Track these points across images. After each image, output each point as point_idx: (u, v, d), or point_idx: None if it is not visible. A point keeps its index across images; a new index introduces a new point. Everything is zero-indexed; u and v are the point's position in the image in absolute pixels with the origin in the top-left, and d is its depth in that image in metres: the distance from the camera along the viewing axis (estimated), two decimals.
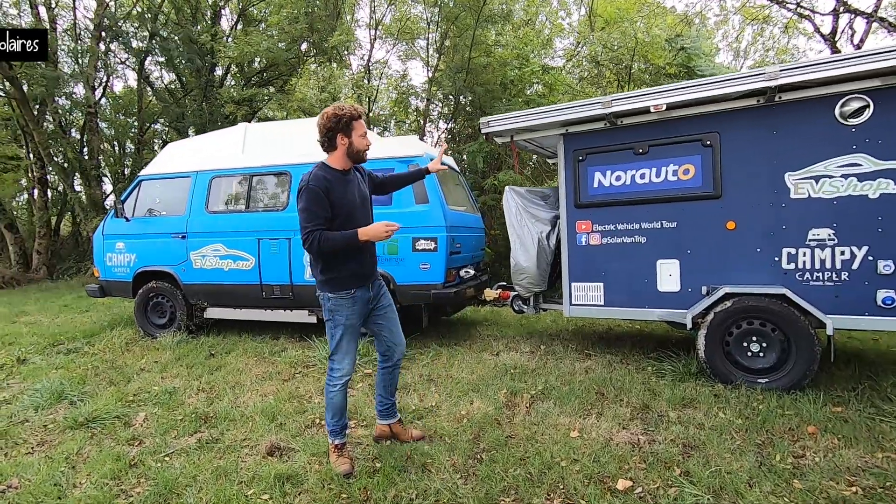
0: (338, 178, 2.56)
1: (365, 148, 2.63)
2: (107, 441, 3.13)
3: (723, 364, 3.66)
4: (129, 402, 3.77)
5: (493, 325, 6.10)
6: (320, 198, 2.47)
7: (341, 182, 2.57)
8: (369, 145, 2.65)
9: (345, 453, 2.72)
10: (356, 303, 2.63)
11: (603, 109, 3.96)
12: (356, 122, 2.57)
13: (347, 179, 2.61)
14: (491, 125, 4.52)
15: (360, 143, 2.60)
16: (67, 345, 5.52)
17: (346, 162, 2.61)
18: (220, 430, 3.21)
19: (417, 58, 14.98)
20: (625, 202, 4.17)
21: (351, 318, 2.62)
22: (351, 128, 2.56)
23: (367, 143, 2.63)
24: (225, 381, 4.17)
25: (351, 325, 2.63)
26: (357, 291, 2.63)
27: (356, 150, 2.60)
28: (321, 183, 2.48)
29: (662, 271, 4.05)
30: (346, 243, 2.48)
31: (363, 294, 2.67)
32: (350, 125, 2.56)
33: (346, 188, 2.58)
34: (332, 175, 2.55)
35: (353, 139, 2.57)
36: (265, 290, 5.43)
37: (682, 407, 3.34)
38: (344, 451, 2.73)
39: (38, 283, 12.16)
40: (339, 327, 2.62)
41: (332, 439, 2.71)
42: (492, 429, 3.07)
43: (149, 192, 6.10)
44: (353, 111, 2.56)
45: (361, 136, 2.60)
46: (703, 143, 3.85)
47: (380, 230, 2.47)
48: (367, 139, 2.63)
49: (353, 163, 2.64)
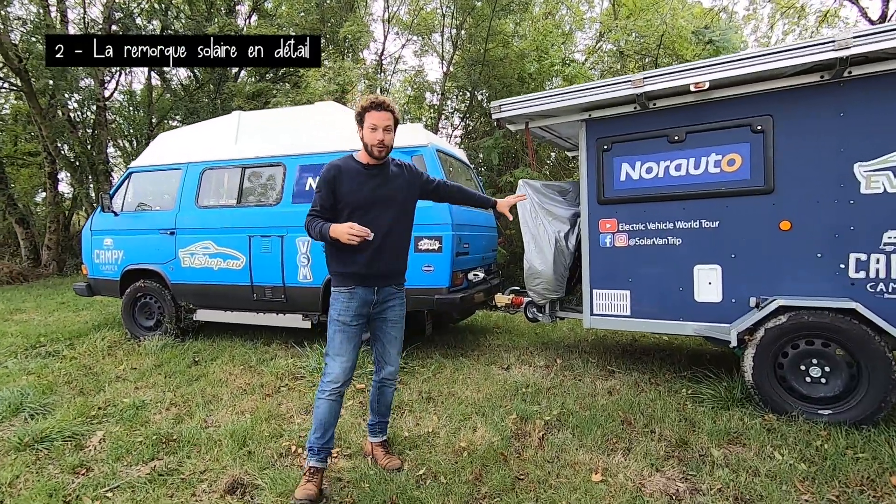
0: (356, 171, 2.43)
1: (372, 142, 2.39)
2: (51, 467, 2.71)
3: (775, 391, 3.08)
4: (91, 417, 3.35)
5: (505, 334, 5.58)
6: (322, 185, 2.41)
7: (359, 175, 2.43)
8: (380, 141, 2.39)
9: (314, 481, 2.35)
10: (353, 300, 2.44)
11: (633, 89, 3.41)
12: (368, 113, 2.39)
13: (370, 174, 2.45)
14: (503, 109, 4.00)
15: (367, 137, 2.40)
16: (48, 347, 5.17)
17: (368, 156, 2.45)
18: (181, 456, 2.76)
19: (433, 53, 14.53)
20: (657, 198, 3.60)
21: (344, 314, 2.43)
22: (363, 119, 2.41)
23: (377, 138, 2.38)
24: (202, 394, 3.73)
25: (344, 324, 2.42)
26: (358, 289, 2.44)
27: (365, 144, 2.43)
28: (330, 171, 2.41)
29: (701, 278, 3.48)
30: (319, 234, 2.35)
31: (364, 294, 2.46)
32: (362, 117, 2.41)
33: (363, 182, 2.42)
34: (348, 166, 2.44)
35: (364, 132, 2.42)
36: (256, 292, 5.00)
37: (728, 443, 2.77)
38: (315, 478, 2.36)
39: (46, 279, 12.02)
40: (333, 323, 2.44)
41: (308, 458, 2.41)
42: (497, 467, 2.56)
43: (139, 186, 5.73)
44: (368, 102, 2.39)
45: (371, 129, 2.39)
46: (753, 129, 3.27)
47: (342, 231, 2.27)
48: (379, 134, 2.38)
49: (372, 157, 2.44)
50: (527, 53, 11.22)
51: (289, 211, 4.82)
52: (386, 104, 2.40)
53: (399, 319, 2.62)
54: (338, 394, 2.42)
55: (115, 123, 15.87)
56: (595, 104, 3.71)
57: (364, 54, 14.38)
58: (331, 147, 4.77)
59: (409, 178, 2.59)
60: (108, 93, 13.90)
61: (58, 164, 12.42)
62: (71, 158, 12.53)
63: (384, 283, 2.53)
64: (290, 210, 4.81)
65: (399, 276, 2.63)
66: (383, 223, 2.44)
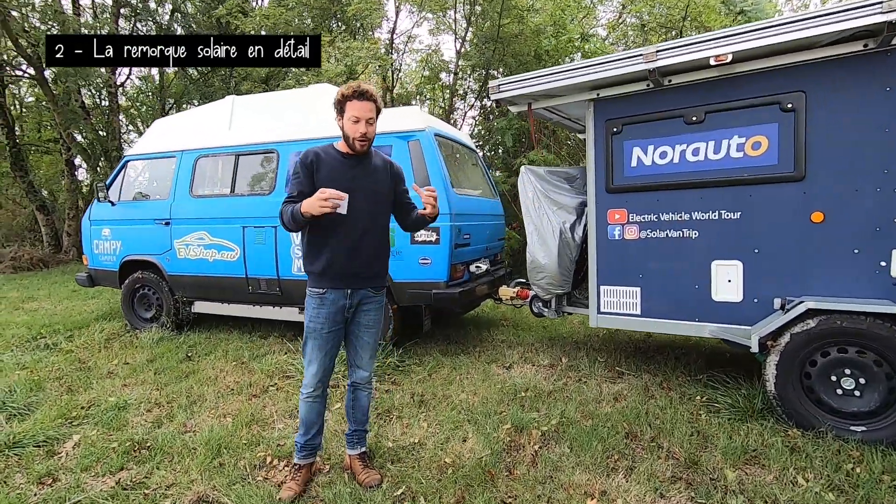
0: (335, 159, 2.26)
1: (354, 135, 2.22)
2: (17, 476, 2.59)
3: (801, 403, 2.75)
4: (72, 418, 3.24)
5: (511, 328, 5.31)
6: (299, 170, 2.25)
7: (338, 164, 2.26)
8: (362, 134, 2.21)
9: (297, 479, 2.36)
10: (324, 305, 2.28)
11: (645, 64, 3.04)
12: (349, 102, 2.20)
13: (350, 164, 2.28)
14: (503, 90, 3.67)
15: (349, 129, 2.22)
16: (48, 339, 5.13)
17: (348, 147, 2.27)
18: (150, 467, 2.61)
19: (448, 31, 14.02)
20: (671, 186, 3.26)
21: (315, 320, 2.28)
22: (342, 109, 2.23)
23: (359, 131, 2.20)
24: (188, 394, 3.60)
25: (314, 330, 2.29)
26: (329, 293, 2.27)
27: (345, 136, 2.25)
28: (308, 156, 2.25)
29: (719, 275, 3.14)
30: (293, 216, 2.18)
31: (336, 298, 2.28)
32: (342, 106, 2.22)
33: (343, 171, 2.25)
34: (328, 154, 2.27)
35: (344, 122, 2.23)
36: (251, 284, 4.84)
37: (745, 463, 2.48)
38: (299, 475, 2.38)
39: (65, 265, 12.22)
40: (305, 329, 2.33)
41: (294, 455, 2.44)
42: (482, 488, 2.33)
43: (135, 174, 5.61)
44: (349, 90, 2.19)
45: (352, 120, 2.20)
46: (783, 107, 2.88)
47: (312, 202, 2.08)
48: (361, 126, 2.20)
49: (351, 150, 2.26)
50: (543, 29, 10.69)
51: (282, 200, 4.60)
52: (369, 93, 2.20)
53: (374, 324, 2.43)
54: (313, 397, 2.33)
55: (134, 108, 15.91)
56: (603, 82, 3.35)
57: (377, 34, 13.99)
58: (326, 132, 4.50)
59: (391, 175, 2.43)
60: (121, 79, 13.89)
61: (73, 151, 12.50)
62: (85, 145, 12.59)
63: (360, 284, 2.33)
64: (283, 199, 4.59)
65: (377, 279, 2.41)
66: (362, 218, 2.26)
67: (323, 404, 2.39)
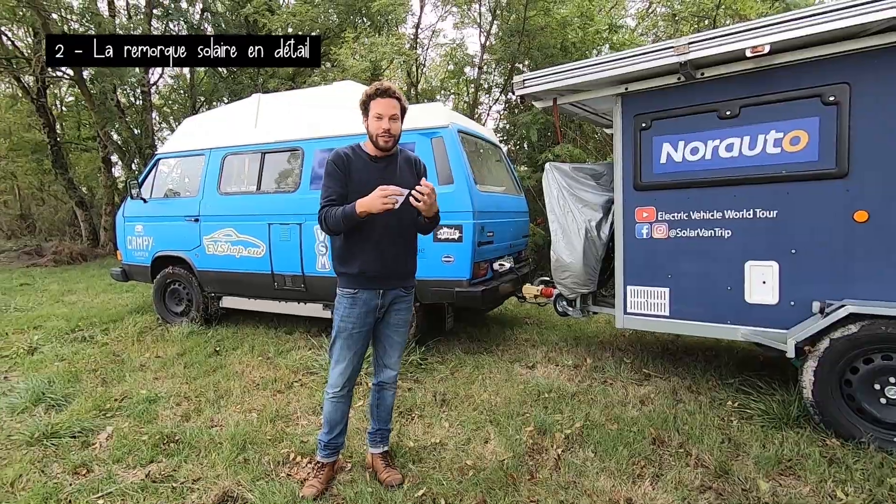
0: (363, 162, 2.26)
1: (377, 132, 2.21)
2: (54, 466, 2.69)
3: (841, 412, 2.62)
4: (105, 410, 3.35)
5: (535, 326, 5.25)
6: (335, 173, 2.24)
7: (367, 167, 2.26)
8: (385, 130, 2.20)
9: (319, 477, 2.37)
10: (356, 305, 2.28)
11: (677, 57, 2.93)
12: (373, 101, 2.20)
13: (378, 166, 2.28)
14: (528, 84, 3.60)
15: (372, 127, 2.22)
16: (85, 331, 5.33)
17: (374, 147, 2.26)
18: (178, 460, 2.67)
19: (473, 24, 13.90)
20: (703, 183, 3.14)
21: (346, 320, 2.28)
22: (368, 108, 2.22)
23: (382, 127, 2.19)
24: (215, 388, 3.68)
25: (345, 329, 2.28)
26: (361, 293, 2.27)
27: (370, 135, 2.24)
28: (340, 158, 2.25)
29: (753, 276, 3.01)
30: (345, 218, 2.14)
31: (369, 298, 2.29)
32: (366, 106, 2.22)
33: (371, 175, 2.23)
34: (356, 156, 2.27)
35: (368, 121, 2.23)
36: (277, 281, 4.91)
37: (779, 474, 2.38)
38: (322, 472, 2.39)
39: (102, 259, 12.69)
40: (335, 328, 2.32)
41: (317, 452, 2.45)
42: (504, 492, 2.30)
43: (166, 172, 5.75)
44: (372, 89, 2.20)
45: (376, 118, 2.20)
46: (824, 100, 2.73)
47: (375, 199, 2.06)
48: (385, 123, 2.19)
49: (378, 148, 2.25)
50: (570, 20, 10.47)
51: (307, 197, 4.65)
52: (391, 91, 2.20)
53: (403, 324, 2.44)
54: (339, 397, 2.34)
55: (166, 106, 16.35)
56: (632, 76, 3.25)
57: (402, 29, 13.98)
58: (350, 130, 4.51)
59: (416, 174, 2.40)
60: (154, 77, 14.29)
61: (109, 149, 12.93)
62: (120, 143, 13.01)
63: (392, 284, 2.34)
64: (307, 196, 4.64)
65: (408, 278, 2.43)
66: (392, 218, 2.24)
67: (348, 404, 2.40)
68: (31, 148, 15.19)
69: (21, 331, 5.36)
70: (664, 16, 12.86)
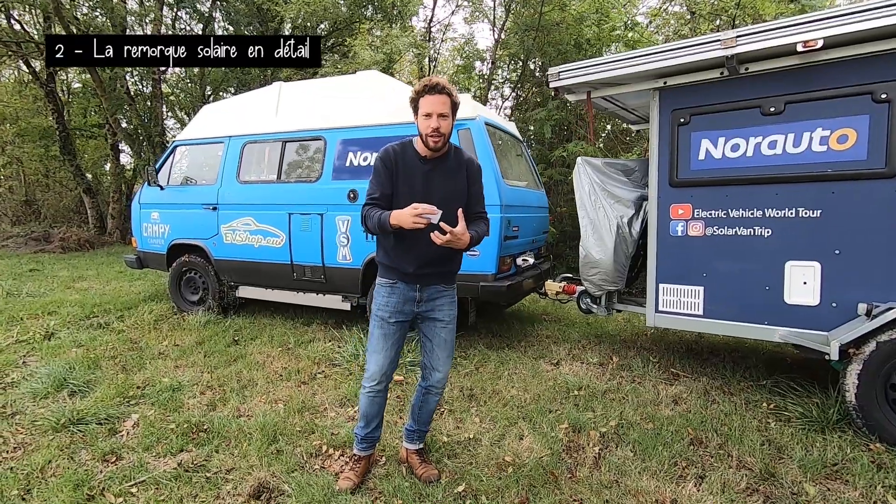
0: (413, 162, 2.17)
1: (425, 131, 2.10)
2: (83, 453, 2.65)
3: (886, 417, 2.58)
4: (129, 398, 3.31)
5: (555, 323, 5.20)
6: (381, 171, 2.17)
7: (416, 167, 2.17)
8: (434, 129, 2.08)
9: (356, 469, 2.34)
10: (394, 294, 2.24)
11: (723, 50, 2.86)
12: (422, 99, 2.10)
13: (428, 168, 2.18)
14: (562, 77, 3.53)
15: (421, 125, 2.13)
16: (100, 318, 5.29)
17: (424, 146, 2.16)
18: (209, 450, 2.63)
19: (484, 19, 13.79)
20: (743, 180, 3.08)
21: (383, 308, 2.24)
22: (417, 106, 2.14)
23: (431, 126, 2.08)
24: (237, 378, 3.64)
25: (383, 319, 2.24)
26: (399, 284, 2.23)
27: (419, 133, 2.15)
28: (389, 155, 2.16)
29: (793, 277, 2.96)
30: (380, 225, 2.08)
31: (406, 290, 2.24)
32: (416, 103, 2.13)
33: (420, 176, 2.16)
34: (406, 154, 2.18)
35: (418, 119, 2.14)
36: (296, 271, 4.86)
37: (825, 478, 2.33)
38: (358, 465, 2.36)
39: (109, 247, 12.64)
40: (373, 317, 2.27)
41: (354, 445, 2.42)
42: (546, 489, 2.26)
43: (183, 159, 5.69)
44: (421, 86, 2.10)
45: (425, 116, 2.10)
46: (875, 97, 2.67)
47: (407, 216, 2.00)
48: (433, 121, 2.07)
49: (426, 147, 2.14)
50: (586, 16, 10.37)
51: (329, 188, 4.59)
52: (441, 86, 2.07)
53: (450, 320, 2.33)
54: (376, 392, 2.27)
55: (174, 95, 16.25)
56: (672, 70, 3.18)
57: (413, 22, 13.88)
58: (374, 120, 4.46)
59: (468, 176, 2.27)
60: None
61: (118, 137, 12.86)
62: (129, 131, 12.93)
63: (430, 281, 2.26)
64: (330, 187, 4.59)
65: (448, 276, 2.33)
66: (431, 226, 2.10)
67: (385, 398, 2.34)
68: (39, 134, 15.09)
69: (35, 316, 5.32)
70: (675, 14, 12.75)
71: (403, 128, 4.32)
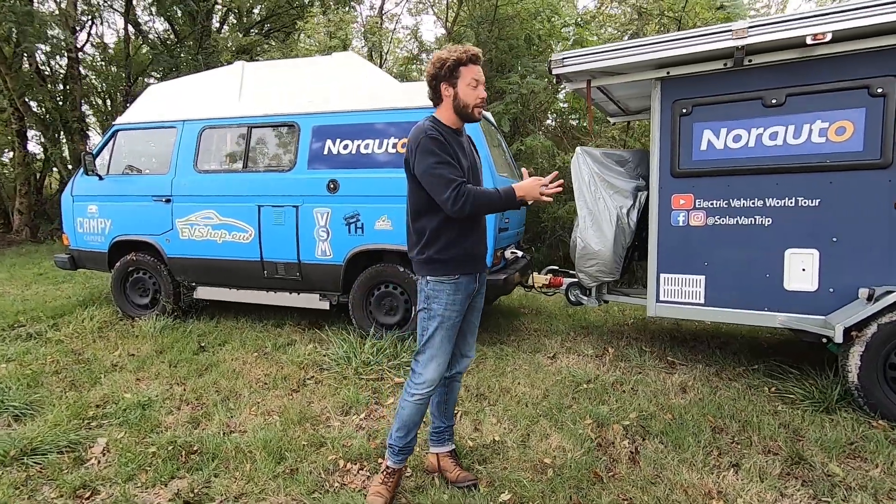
0: (449, 134, 2.01)
1: (475, 102, 2.00)
2: (46, 489, 2.21)
3: (886, 395, 2.72)
4: (89, 419, 2.84)
5: (535, 315, 5.17)
6: (444, 147, 1.94)
7: (454, 141, 2.02)
8: (482, 100, 2.00)
9: (388, 484, 2.12)
10: (459, 291, 2.08)
11: (734, 41, 2.89)
12: (464, 67, 1.98)
13: (460, 142, 2.07)
14: (567, 63, 3.44)
15: (467, 95, 1.98)
16: (28, 327, 4.59)
17: (455, 119, 2.03)
18: (206, 475, 2.29)
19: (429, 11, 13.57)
20: (745, 171, 3.15)
21: (451, 308, 2.06)
22: (457, 75, 1.99)
23: (480, 95, 1.99)
24: (216, 389, 3.25)
25: (448, 319, 2.06)
26: (462, 278, 2.08)
27: (462, 105, 2.00)
28: (437, 133, 1.96)
29: (792, 264, 3.07)
30: (504, 202, 1.96)
31: (468, 284, 2.11)
32: (455, 71, 1.99)
33: (458, 148, 2.02)
34: (441, 129, 1.99)
35: (459, 89, 1.99)
36: (267, 269, 4.45)
37: (847, 456, 2.41)
38: (392, 479, 2.13)
39: (18, 246, 11.17)
40: (435, 319, 2.05)
41: (387, 457, 2.15)
42: (595, 490, 2.15)
43: (126, 146, 5.04)
44: (463, 54, 1.97)
45: (471, 85, 1.98)
46: (872, 91, 2.80)
47: (534, 188, 1.95)
48: (481, 90, 1.99)
49: (463, 121, 2.06)
50: (540, 11, 10.48)
51: (304, 178, 4.24)
52: (479, 56, 2.01)
53: (482, 306, 2.30)
54: (426, 397, 2.09)
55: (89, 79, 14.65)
56: (677, 60, 3.19)
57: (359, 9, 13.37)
58: (354, 105, 4.16)
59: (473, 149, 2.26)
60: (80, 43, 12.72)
61: (26, 122, 11.37)
62: (41, 115, 11.47)
63: (483, 267, 2.20)
64: (305, 177, 4.23)
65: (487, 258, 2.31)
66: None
67: (428, 403, 2.15)
68: None
69: None
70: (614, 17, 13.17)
71: (386, 114, 4.08)
